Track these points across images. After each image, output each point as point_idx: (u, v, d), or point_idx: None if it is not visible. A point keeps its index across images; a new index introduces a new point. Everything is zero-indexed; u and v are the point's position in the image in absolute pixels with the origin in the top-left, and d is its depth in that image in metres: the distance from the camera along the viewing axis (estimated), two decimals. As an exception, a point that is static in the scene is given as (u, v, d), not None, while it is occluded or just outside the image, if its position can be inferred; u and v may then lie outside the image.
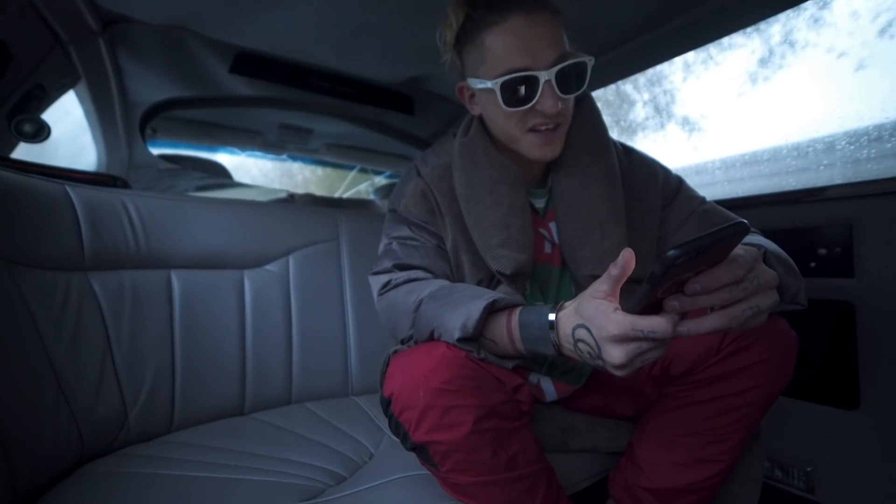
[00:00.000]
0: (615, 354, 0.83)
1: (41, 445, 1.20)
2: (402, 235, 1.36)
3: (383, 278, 1.31)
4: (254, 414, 1.75)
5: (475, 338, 1.04)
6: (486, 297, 1.04)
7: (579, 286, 1.33)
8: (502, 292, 1.20)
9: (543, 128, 1.22)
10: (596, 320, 0.85)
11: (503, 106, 1.19)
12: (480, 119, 1.38)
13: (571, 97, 1.22)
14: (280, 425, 1.63)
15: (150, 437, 1.54)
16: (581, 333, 0.90)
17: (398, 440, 1.11)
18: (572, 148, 1.33)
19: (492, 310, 1.04)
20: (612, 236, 1.28)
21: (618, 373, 0.85)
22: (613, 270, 0.86)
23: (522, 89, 1.17)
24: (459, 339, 1.03)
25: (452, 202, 1.34)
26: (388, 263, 1.33)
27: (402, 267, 1.32)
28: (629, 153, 1.46)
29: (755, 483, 1.32)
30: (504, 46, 1.17)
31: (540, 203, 1.40)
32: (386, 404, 1.09)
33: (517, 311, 1.04)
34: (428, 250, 1.33)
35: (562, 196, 1.34)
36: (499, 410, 1.03)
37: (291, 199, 2.96)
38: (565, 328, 0.93)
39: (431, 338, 1.11)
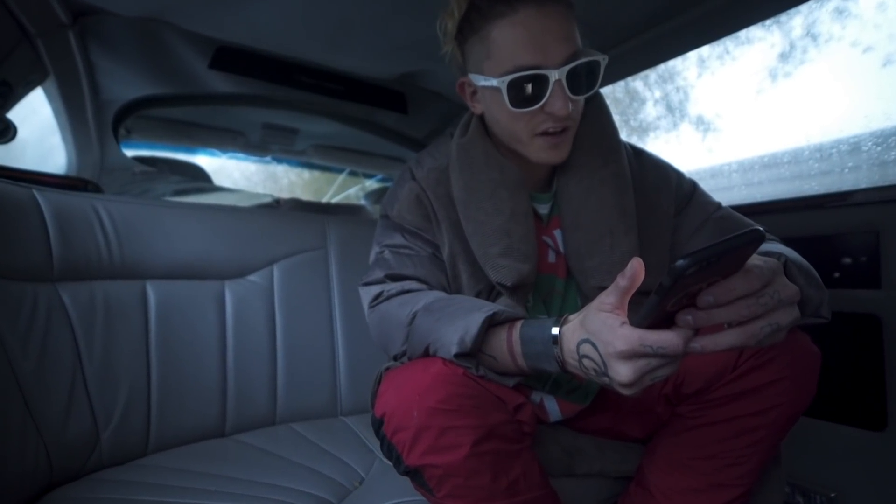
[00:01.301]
0: (622, 371, 0.81)
1: (6, 469, 1.20)
2: (394, 243, 1.35)
3: (374, 289, 1.30)
4: (235, 435, 1.75)
5: (473, 353, 1.04)
6: (485, 309, 1.03)
7: (586, 298, 1.31)
8: (503, 304, 1.19)
9: (552, 131, 1.20)
10: (602, 335, 0.84)
11: (509, 106, 1.16)
12: (481, 118, 1.38)
13: (582, 98, 1.21)
14: (264, 448, 1.63)
15: (123, 461, 1.54)
16: (586, 349, 0.88)
17: (390, 463, 1.10)
18: (580, 150, 1.31)
19: (491, 323, 1.03)
20: (622, 245, 1.26)
21: (625, 391, 0.84)
22: (622, 281, 0.84)
23: (530, 88, 1.15)
24: (457, 355, 1.02)
25: (449, 208, 1.33)
26: (379, 274, 1.32)
27: (394, 277, 1.30)
28: (640, 156, 1.45)
29: (776, 510, 1.32)
30: (513, 41, 1.15)
31: (543, 209, 1.38)
32: (378, 425, 1.08)
33: (518, 324, 1.03)
34: (423, 259, 1.32)
35: (568, 202, 1.32)
36: (499, 431, 1.02)
37: (276, 205, 2.96)
38: (570, 343, 0.92)
39: (426, 353, 1.10)
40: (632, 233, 1.28)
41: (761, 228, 0.71)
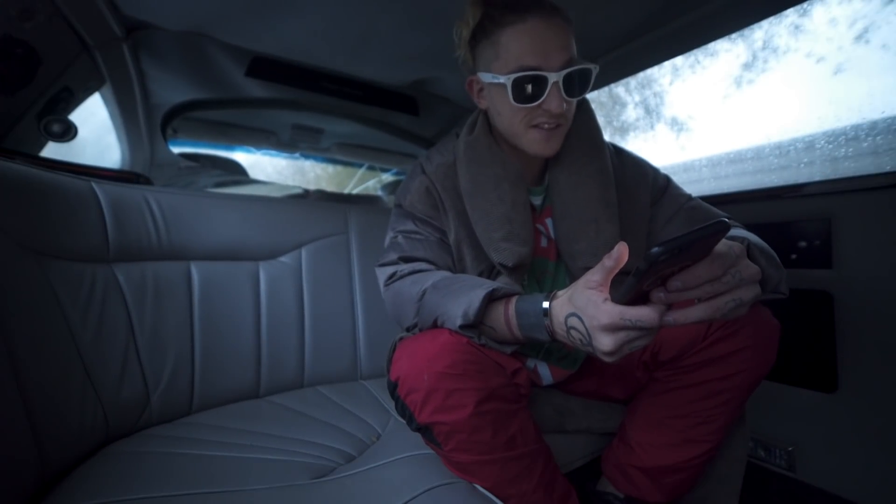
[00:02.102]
0: (605, 342, 0.84)
1: (68, 426, 1.20)
2: (406, 229, 1.36)
3: (389, 269, 1.32)
4: (268, 397, 1.75)
5: (476, 325, 1.04)
6: (485, 286, 1.05)
7: (573, 278, 1.32)
8: (501, 282, 1.19)
9: (546, 126, 1.23)
10: (587, 310, 0.86)
11: (512, 101, 1.20)
12: (486, 118, 1.39)
13: (575, 100, 1.23)
14: (293, 407, 1.63)
15: (170, 419, 1.54)
16: (573, 322, 0.90)
17: (404, 422, 1.11)
18: (570, 148, 1.34)
19: (491, 298, 1.05)
20: (605, 232, 1.28)
21: (607, 359, 0.87)
22: (608, 262, 0.86)
23: (531, 87, 1.18)
24: (461, 326, 1.03)
25: (456, 199, 1.34)
26: (393, 256, 1.33)
27: (406, 259, 1.32)
28: (620, 154, 1.47)
29: (740, 463, 1.33)
30: (519, 45, 1.18)
31: (537, 200, 1.40)
32: (392, 387, 1.09)
33: (514, 299, 1.05)
34: (431, 243, 1.33)
35: (559, 194, 1.34)
36: (499, 393, 1.03)
37: (305, 195, 2.96)
38: (558, 316, 0.94)
39: (435, 325, 1.11)
40: (614, 221, 1.29)
41: (727, 218, 0.73)
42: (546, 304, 0.97)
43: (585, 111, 1.40)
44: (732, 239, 0.98)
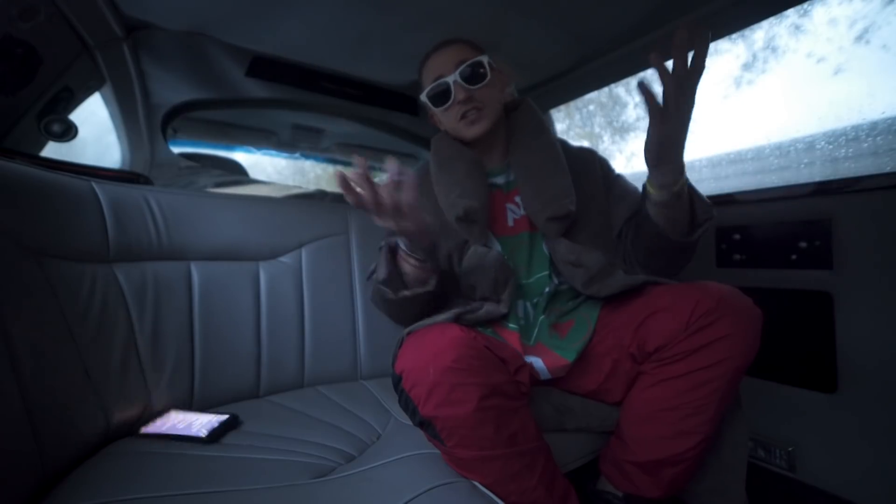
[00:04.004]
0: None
1: (68, 426, 1.20)
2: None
3: (371, 281, 1.56)
4: (268, 396, 1.75)
5: (387, 280, 1.40)
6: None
7: (547, 239, 1.56)
8: (475, 257, 1.48)
9: (468, 114, 1.52)
10: None
11: (433, 108, 1.58)
12: None
13: (480, 86, 1.51)
14: (293, 407, 1.63)
15: (171, 418, 1.53)
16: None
17: (405, 421, 1.12)
18: (518, 133, 1.64)
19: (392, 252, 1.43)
20: (558, 181, 1.53)
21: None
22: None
23: (441, 93, 1.52)
24: (381, 281, 1.41)
25: (430, 195, 1.62)
26: (374, 266, 1.55)
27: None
28: (565, 144, 1.73)
29: (743, 448, 1.34)
30: (427, 71, 1.58)
31: (500, 179, 1.65)
32: (397, 380, 1.11)
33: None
34: None
35: (518, 167, 1.60)
36: (501, 389, 1.05)
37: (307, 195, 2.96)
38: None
39: (381, 295, 1.44)
40: (565, 174, 1.56)
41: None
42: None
43: (526, 111, 1.68)
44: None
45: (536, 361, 1.39)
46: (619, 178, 1.68)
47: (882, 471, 1.53)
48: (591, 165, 1.66)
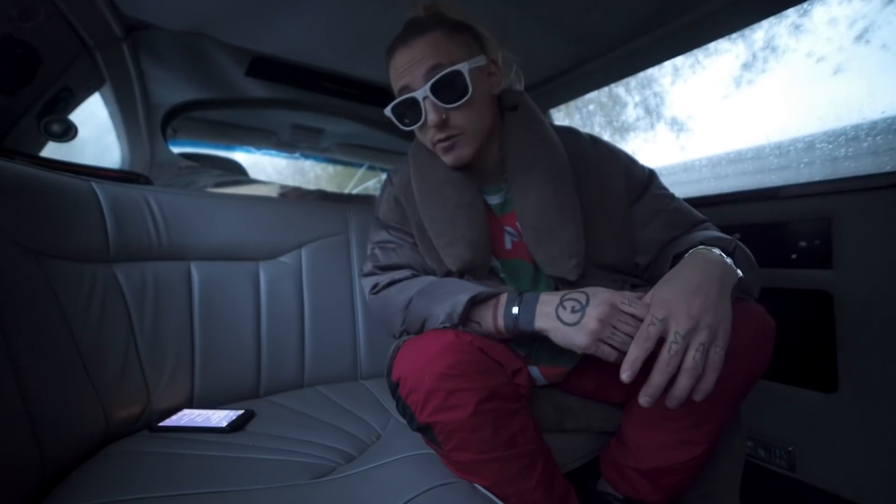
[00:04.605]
0: (598, 310, 0.96)
1: (68, 426, 1.20)
2: (381, 240, 1.46)
3: (370, 280, 1.41)
4: (268, 396, 1.75)
5: (456, 327, 1.10)
6: (469, 290, 1.11)
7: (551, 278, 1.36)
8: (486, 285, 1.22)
9: (442, 142, 1.26)
10: (595, 290, 1.01)
11: (401, 126, 1.29)
12: None
13: (458, 104, 1.21)
14: (293, 407, 1.63)
15: (171, 419, 1.53)
16: (572, 294, 1.02)
17: (404, 421, 1.11)
18: (512, 155, 1.35)
19: (474, 302, 1.11)
20: (561, 238, 1.28)
21: (585, 337, 0.97)
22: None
23: (408, 111, 1.25)
24: (443, 325, 1.11)
25: (415, 208, 1.39)
26: (370, 266, 1.44)
27: (383, 268, 1.41)
28: (596, 143, 1.45)
29: (739, 460, 1.32)
30: (393, 72, 1.27)
31: (497, 199, 1.42)
32: (394, 388, 1.09)
33: (503, 297, 1.12)
34: (405, 249, 1.42)
35: (515, 202, 1.35)
36: (499, 392, 1.03)
37: (306, 195, 2.97)
38: (549, 303, 1.05)
39: (422, 329, 1.16)
40: (569, 225, 1.29)
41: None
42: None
43: (524, 113, 1.39)
44: (719, 239, 1.14)
45: (533, 370, 1.39)
46: (652, 196, 1.38)
47: (882, 471, 1.53)
48: (614, 174, 1.38)
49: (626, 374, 0.92)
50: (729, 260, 1.05)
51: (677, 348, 0.90)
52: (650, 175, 1.42)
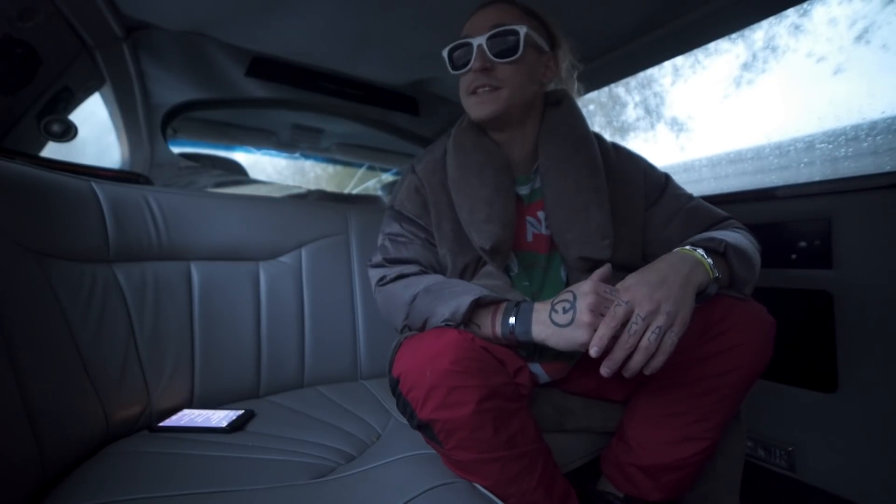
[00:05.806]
0: (587, 300, 0.99)
1: (68, 426, 1.20)
2: (393, 232, 1.44)
3: (378, 272, 1.40)
4: (268, 396, 1.75)
5: (458, 327, 1.09)
6: (474, 292, 1.11)
7: (570, 269, 1.38)
8: (488, 278, 1.31)
9: (479, 90, 1.32)
10: (578, 286, 1.03)
11: (450, 69, 1.39)
12: None
13: (505, 61, 1.29)
14: (293, 407, 1.63)
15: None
16: (561, 296, 1.04)
17: (405, 421, 1.11)
18: (555, 141, 1.40)
19: (478, 305, 1.11)
20: (597, 218, 1.32)
21: (584, 332, 0.98)
22: (594, 275, 1.03)
23: (461, 54, 1.34)
24: (446, 322, 1.10)
25: (441, 192, 1.41)
26: (379, 258, 1.43)
27: (392, 262, 1.40)
28: (617, 149, 1.51)
29: (738, 460, 1.32)
30: (464, 30, 1.37)
31: (524, 190, 1.44)
32: (394, 384, 1.09)
33: (502, 307, 1.12)
34: (416, 244, 1.40)
35: (549, 185, 1.38)
36: (500, 392, 1.03)
37: (306, 195, 2.96)
38: (542, 311, 1.06)
39: (424, 326, 1.17)
40: (604, 207, 1.34)
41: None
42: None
43: (568, 107, 1.46)
44: (711, 240, 1.16)
45: (536, 367, 1.39)
46: (670, 196, 1.44)
47: (882, 470, 1.53)
48: (635, 177, 1.44)
49: (593, 350, 0.97)
50: (709, 260, 1.09)
51: (637, 328, 0.96)
52: (666, 179, 1.48)
